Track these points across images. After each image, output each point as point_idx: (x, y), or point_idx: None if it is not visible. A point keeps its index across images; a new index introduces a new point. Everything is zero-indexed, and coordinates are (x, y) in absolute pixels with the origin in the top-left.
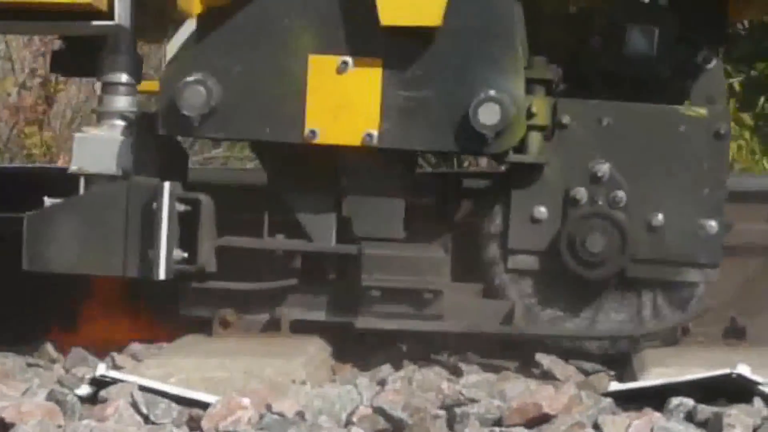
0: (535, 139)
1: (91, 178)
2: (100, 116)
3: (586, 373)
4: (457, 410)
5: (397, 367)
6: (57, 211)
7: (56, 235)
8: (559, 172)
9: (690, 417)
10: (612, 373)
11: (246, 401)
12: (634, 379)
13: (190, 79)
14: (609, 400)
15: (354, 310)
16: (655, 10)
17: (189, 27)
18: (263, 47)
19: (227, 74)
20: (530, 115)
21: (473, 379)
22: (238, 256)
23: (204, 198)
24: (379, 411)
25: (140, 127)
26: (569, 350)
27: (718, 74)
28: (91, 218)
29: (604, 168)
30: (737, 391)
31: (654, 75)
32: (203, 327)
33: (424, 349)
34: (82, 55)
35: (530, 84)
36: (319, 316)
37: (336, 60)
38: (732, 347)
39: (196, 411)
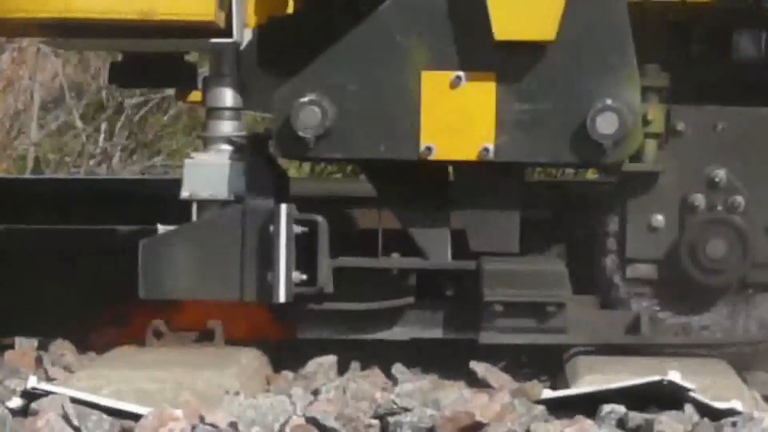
0: (650, 146)
1: (203, 204)
2: (207, 141)
3: (521, 381)
4: (390, 419)
5: None
6: (172, 237)
7: (172, 261)
8: (674, 179)
9: (621, 424)
10: (546, 380)
11: (178, 413)
12: (566, 386)
13: (304, 99)
14: (542, 407)
15: (475, 326)
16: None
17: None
18: (376, 65)
19: (341, 94)
20: (645, 122)
21: (408, 388)
22: (349, 276)
23: (321, 219)
24: (312, 421)
25: (252, 150)
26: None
27: None
28: (207, 244)
29: (721, 173)
30: (669, 397)
31: (762, 79)
32: None
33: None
34: (141, 68)
35: (644, 92)
36: (437, 333)
37: (449, 75)
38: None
39: (128, 423)
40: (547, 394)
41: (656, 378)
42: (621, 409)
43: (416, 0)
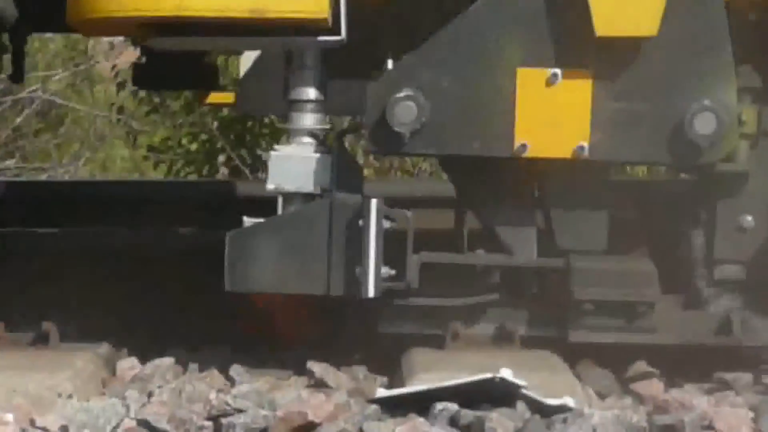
0: (742, 147)
1: (288, 197)
2: (290, 134)
3: (358, 380)
4: (224, 421)
5: None
6: (259, 230)
7: (258, 254)
8: (765, 180)
9: (453, 422)
10: (384, 379)
11: (9, 417)
12: (402, 384)
13: (400, 95)
14: (375, 406)
15: (563, 324)
16: None
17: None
18: (471, 62)
19: (435, 89)
20: (740, 123)
21: (244, 389)
22: (432, 272)
23: (409, 214)
24: (144, 424)
25: (339, 143)
26: None
27: None
28: (294, 237)
29: None
30: (502, 394)
31: None
32: None
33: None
34: (165, 70)
35: (739, 92)
36: (521, 330)
37: (545, 72)
38: (501, 351)
39: None
40: (380, 393)
41: (488, 376)
42: (453, 406)
43: None
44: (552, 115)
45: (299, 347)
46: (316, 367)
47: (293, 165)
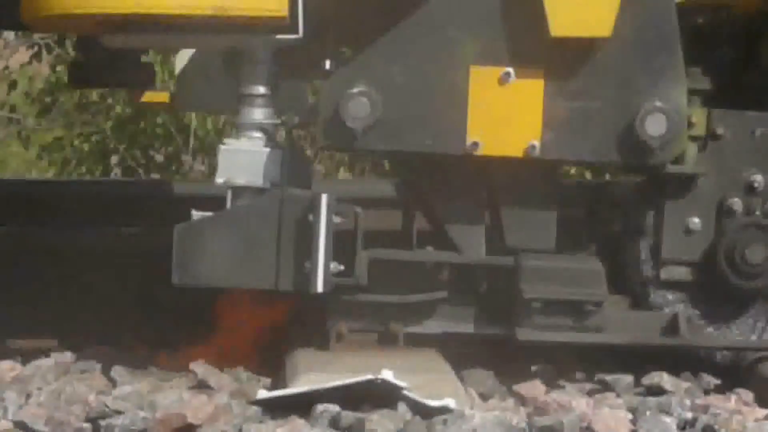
0: (691, 149)
1: (238, 191)
2: (240, 128)
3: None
4: (102, 423)
5: None
6: (207, 224)
7: (206, 249)
8: (713, 183)
9: (334, 423)
10: (268, 380)
11: None
12: (285, 385)
13: (354, 90)
14: (256, 408)
15: (511, 323)
16: None
17: None
18: (425, 58)
19: (389, 85)
20: (689, 125)
21: (125, 390)
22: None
23: (359, 210)
24: (21, 425)
25: (290, 138)
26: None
27: None
28: (243, 231)
29: (759, 178)
30: (383, 396)
31: None
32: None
33: None
34: (101, 69)
35: (688, 94)
36: (468, 328)
37: (498, 71)
38: (386, 352)
39: None
40: (262, 394)
41: (369, 377)
42: (334, 408)
43: None
44: (504, 114)
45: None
46: (199, 369)
47: (243, 159)
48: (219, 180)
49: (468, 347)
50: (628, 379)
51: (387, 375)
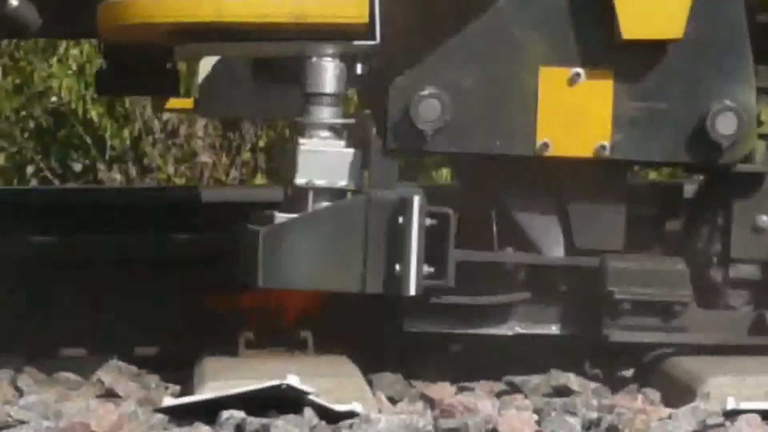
0: (760, 147)
1: (319, 192)
2: (308, 127)
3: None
4: None
5: None
6: (293, 226)
7: (292, 251)
8: None
9: (240, 429)
10: (176, 387)
11: None
12: (192, 393)
13: (424, 92)
14: (161, 415)
15: (598, 324)
16: None
17: None
18: (493, 60)
19: (458, 87)
20: (759, 123)
21: (31, 399)
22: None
23: (451, 212)
24: None
25: (373, 140)
26: None
27: None
28: (329, 233)
29: None
30: (290, 401)
31: None
32: None
33: None
34: (127, 76)
35: (757, 93)
36: (550, 329)
37: (567, 71)
38: (295, 357)
39: None
40: (167, 402)
41: (275, 382)
42: (240, 414)
43: None
44: (574, 114)
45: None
46: (106, 377)
47: (325, 159)
48: (300, 181)
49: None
50: (536, 380)
51: (292, 380)
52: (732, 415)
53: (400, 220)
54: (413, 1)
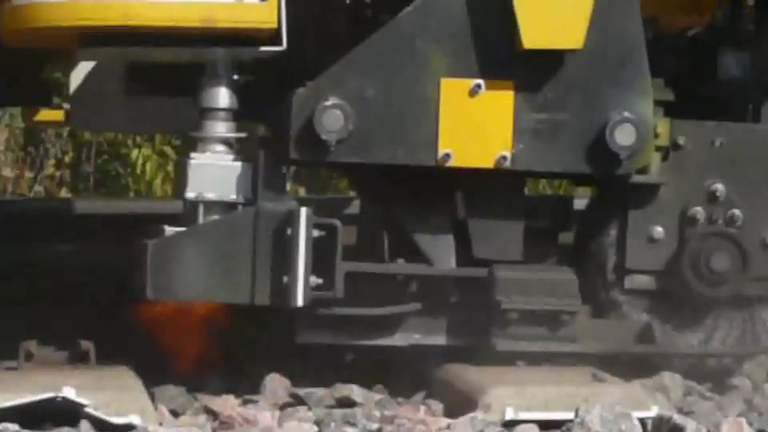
0: (655, 159)
1: (209, 205)
2: (202, 142)
3: None
4: None
5: None
6: (182, 239)
7: (181, 264)
8: (675, 192)
9: None
10: None
11: None
12: None
13: (327, 103)
14: None
15: (487, 333)
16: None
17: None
18: (396, 71)
19: (361, 98)
20: (654, 136)
21: None
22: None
23: (339, 223)
24: None
25: (265, 151)
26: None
27: None
28: (218, 246)
29: (720, 187)
30: (66, 413)
31: (746, 98)
32: None
33: None
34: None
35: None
36: (440, 340)
37: (469, 83)
38: (75, 370)
39: None
40: None
41: (50, 395)
42: (14, 427)
43: (438, 7)
44: (475, 125)
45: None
46: None
47: (214, 173)
48: (190, 195)
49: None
50: (321, 392)
51: (68, 392)
52: (511, 425)
53: (288, 231)
54: (314, 11)
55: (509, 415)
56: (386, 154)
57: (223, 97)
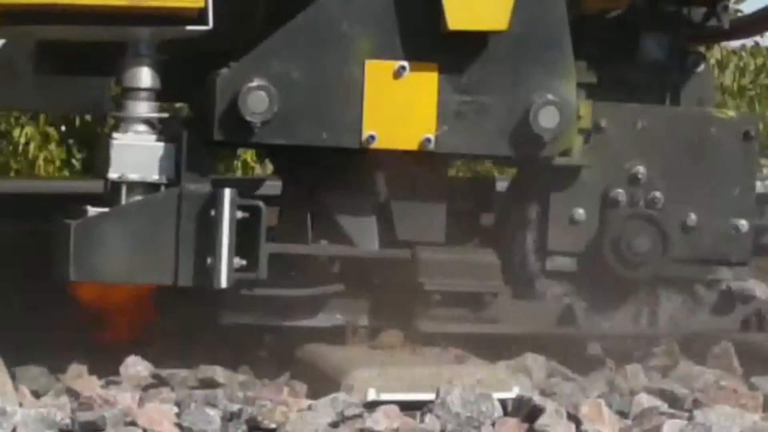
0: (577, 142)
1: (132, 186)
2: (124, 122)
3: None
4: None
5: None
6: (104, 219)
7: (104, 244)
8: (596, 175)
9: None
10: None
11: None
12: None
13: (252, 84)
14: None
15: (410, 315)
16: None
17: None
18: (320, 53)
19: (285, 79)
20: (577, 118)
21: None
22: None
23: (262, 204)
24: None
25: (189, 132)
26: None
27: (707, 78)
28: (141, 227)
29: (641, 169)
30: None
31: (665, 81)
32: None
33: None
34: None
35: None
36: (363, 320)
37: (393, 65)
38: None
39: None
40: None
41: None
42: None
43: None
44: (399, 107)
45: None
46: None
47: (137, 153)
48: (113, 175)
49: None
50: (184, 373)
51: None
52: (372, 406)
53: (212, 213)
54: None
55: (371, 396)
56: (311, 136)
57: (145, 76)
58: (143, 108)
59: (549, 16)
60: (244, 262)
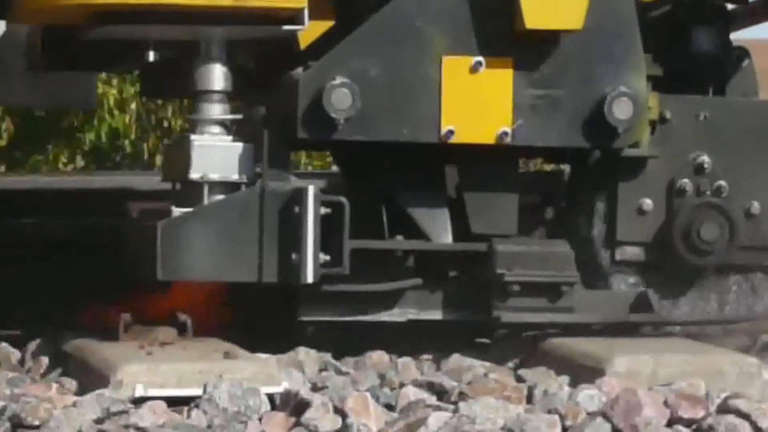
0: (646, 133)
1: (214, 186)
2: (198, 124)
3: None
4: None
5: None
6: (190, 219)
7: (190, 244)
8: (663, 165)
9: None
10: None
11: None
12: None
13: (335, 82)
14: None
15: (488, 307)
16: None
17: None
18: (398, 50)
19: (365, 77)
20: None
21: None
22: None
23: (345, 201)
24: None
25: (268, 132)
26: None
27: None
28: (225, 225)
29: (706, 159)
30: None
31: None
32: None
33: None
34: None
35: None
36: (437, 315)
37: (469, 60)
38: None
39: None
40: None
41: None
42: None
43: None
44: (476, 101)
45: None
46: None
47: (218, 153)
48: (194, 175)
49: None
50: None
51: None
52: (140, 402)
53: (296, 210)
54: None
55: (139, 392)
56: (391, 132)
57: (218, 79)
58: (218, 110)
59: (619, 12)
60: (328, 258)
